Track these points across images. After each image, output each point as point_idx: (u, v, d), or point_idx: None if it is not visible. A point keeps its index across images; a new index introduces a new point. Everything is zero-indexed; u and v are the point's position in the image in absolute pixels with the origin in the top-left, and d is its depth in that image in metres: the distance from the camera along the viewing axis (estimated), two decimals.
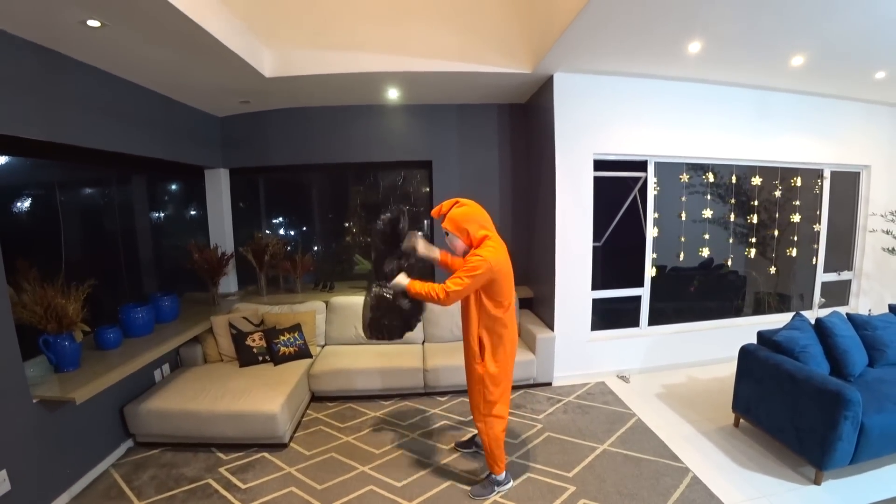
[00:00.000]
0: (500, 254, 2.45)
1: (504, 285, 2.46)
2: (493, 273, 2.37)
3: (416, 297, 2.49)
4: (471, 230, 2.45)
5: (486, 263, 2.33)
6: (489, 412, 2.56)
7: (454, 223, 2.46)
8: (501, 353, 2.52)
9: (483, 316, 2.49)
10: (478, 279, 2.35)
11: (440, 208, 2.55)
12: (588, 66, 3.71)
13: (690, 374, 4.36)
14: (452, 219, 2.47)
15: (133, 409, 3.06)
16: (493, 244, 2.44)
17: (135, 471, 2.91)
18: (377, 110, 4.66)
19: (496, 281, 2.42)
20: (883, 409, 2.63)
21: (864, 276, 5.11)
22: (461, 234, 2.47)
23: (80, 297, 2.72)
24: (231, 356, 3.83)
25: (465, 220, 2.45)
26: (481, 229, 2.47)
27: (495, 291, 2.44)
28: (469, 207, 2.50)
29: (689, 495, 2.59)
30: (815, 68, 3.76)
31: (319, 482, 2.78)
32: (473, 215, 2.48)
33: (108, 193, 3.91)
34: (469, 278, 2.34)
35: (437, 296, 2.39)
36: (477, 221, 2.47)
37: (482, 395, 2.55)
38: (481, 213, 2.52)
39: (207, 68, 3.22)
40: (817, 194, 4.89)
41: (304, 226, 5.45)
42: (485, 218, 2.52)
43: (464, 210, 2.48)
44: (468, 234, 2.45)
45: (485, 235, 2.46)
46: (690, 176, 4.47)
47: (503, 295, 2.47)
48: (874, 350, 3.19)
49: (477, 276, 2.34)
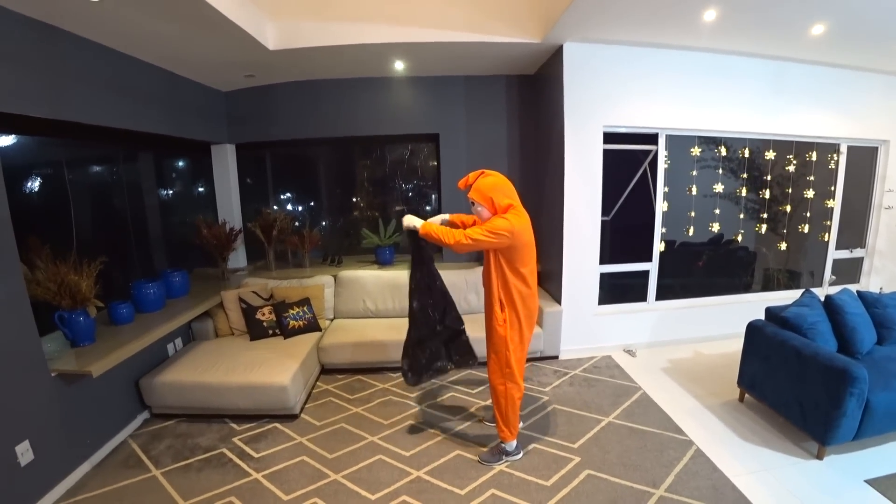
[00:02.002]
0: (524, 223, 2.50)
1: (525, 254, 2.52)
2: (514, 239, 2.42)
3: (427, 236, 2.54)
4: (496, 199, 2.48)
5: (511, 228, 2.39)
6: (510, 376, 2.61)
7: (480, 192, 2.50)
8: (523, 318, 2.58)
9: (504, 280, 2.54)
10: (498, 239, 2.40)
11: (466, 179, 2.60)
12: (599, 35, 3.60)
13: (697, 349, 4.38)
14: (478, 188, 2.51)
15: (148, 381, 3.15)
16: (520, 218, 2.49)
17: (151, 441, 3.01)
18: (384, 83, 4.59)
19: (516, 248, 2.47)
20: (889, 387, 2.64)
21: (877, 254, 5.03)
22: (486, 203, 2.50)
23: (93, 274, 2.76)
24: (242, 330, 3.89)
25: (491, 190, 2.49)
26: (506, 198, 2.51)
27: (516, 259, 2.50)
28: (495, 178, 2.54)
29: (691, 467, 2.64)
30: (835, 38, 3.61)
31: (330, 451, 2.86)
32: (499, 185, 2.51)
33: (116, 171, 3.93)
34: (489, 234, 2.40)
35: (452, 238, 2.45)
36: (502, 191, 2.51)
37: (505, 358, 2.60)
38: (506, 184, 2.55)
39: (210, 42, 3.17)
40: (832, 170, 4.78)
41: (312, 201, 5.45)
42: (510, 189, 2.56)
43: (490, 180, 2.51)
44: (493, 202, 2.49)
45: (509, 204, 2.50)
46: (702, 150, 4.39)
47: (523, 263, 2.53)
48: (884, 328, 3.17)
49: (498, 234, 2.39)
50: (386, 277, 4.40)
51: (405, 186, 5.36)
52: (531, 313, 2.64)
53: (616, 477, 2.58)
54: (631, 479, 2.56)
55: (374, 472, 2.66)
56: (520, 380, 2.65)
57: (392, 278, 4.40)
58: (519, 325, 2.59)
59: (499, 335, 2.58)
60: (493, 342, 2.65)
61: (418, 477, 2.61)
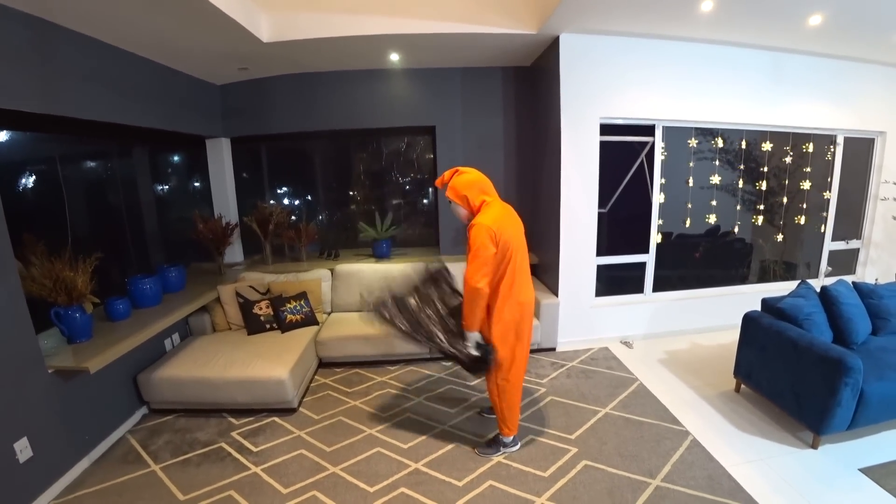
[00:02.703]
0: (499, 215, 2.45)
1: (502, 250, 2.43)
2: (494, 232, 2.36)
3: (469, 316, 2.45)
4: (470, 196, 2.49)
5: (482, 228, 2.35)
6: (503, 377, 2.60)
7: (454, 191, 2.51)
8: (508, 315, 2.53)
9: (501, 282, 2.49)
10: (485, 249, 2.34)
11: (443, 178, 2.60)
12: (595, 26, 3.58)
13: (694, 340, 4.40)
14: (453, 187, 2.52)
15: (146, 377, 3.15)
16: (492, 210, 2.46)
17: (150, 436, 3.02)
18: (379, 75, 4.56)
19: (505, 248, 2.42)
20: (883, 377, 2.66)
21: (873, 246, 5.06)
22: (461, 202, 2.52)
23: (88, 270, 2.74)
24: (239, 324, 3.89)
25: (465, 188, 2.49)
26: (481, 195, 2.51)
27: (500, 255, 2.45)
28: (469, 175, 2.53)
29: (688, 457, 2.66)
30: (832, 28, 3.60)
31: (328, 444, 2.88)
32: (473, 182, 2.51)
33: (110, 166, 3.90)
34: (478, 259, 2.34)
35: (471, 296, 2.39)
36: (477, 188, 2.51)
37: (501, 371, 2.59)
38: (481, 180, 2.54)
39: (203, 34, 3.14)
40: (829, 161, 4.78)
41: (308, 194, 5.43)
42: (485, 184, 2.55)
43: (463, 178, 2.52)
44: (468, 200, 2.50)
45: (483, 201, 2.50)
46: (699, 141, 4.38)
47: (507, 258, 2.46)
48: (878, 319, 3.19)
49: (482, 247, 2.33)
50: (383, 270, 4.39)
51: (402, 179, 5.34)
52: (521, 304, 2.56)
53: (613, 467, 2.60)
54: (628, 469, 2.58)
55: (372, 465, 2.68)
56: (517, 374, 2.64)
57: (389, 271, 4.37)
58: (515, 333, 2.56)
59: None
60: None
61: (416, 469, 2.63)
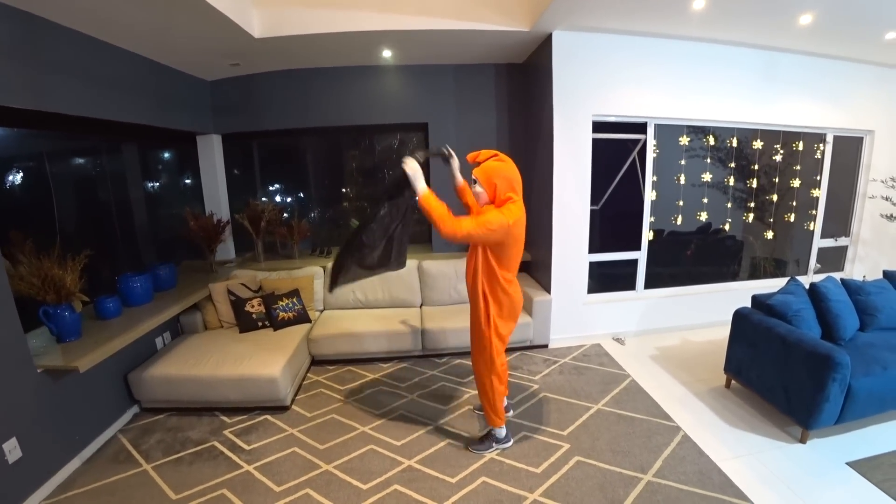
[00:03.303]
0: (520, 218, 2.41)
1: (514, 250, 2.47)
2: (507, 235, 2.35)
3: (425, 207, 2.29)
4: (499, 186, 2.38)
5: (506, 224, 2.30)
6: (494, 370, 2.63)
7: (485, 174, 2.39)
8: (507, 312, 2.57)
9: (489, 274, 2.50)
10: (491, 234, 2.30)
11: (477, 155, 2.49)
12: (588, 23, 3.58)
13: (685, 336, 4.44)
14: (485, 169, 2.40)
15: (137, 376, 3.12)
16: (515, 209, 2.38)
17: (142, 435, 3.00)
18: (372, 71, 4.54)
19: (507, 245, 2.41)
20: (870, 373, 2.70)
21: (861, 243, 5.12)
22: (488, 187, 2.40)
23: (77, 268, 2.72)
24: (231, 322, 3.87)
25: (497, 175, 2.38)
26: (509, 191, 2.40)
27: (504, 253, 2.45)
28: (506, 165, 2.42)
29: (679, 452, 2.69)
30: (823, 28, 3.63)
31: (321, 442, 2.87)
32: (506, 174, 2.39)
33: (100, 163, 3.86)
34: (483, 229, 2.27)
35: (447, 224, 2.24)
36: (508, 181, 2.39)
37: (490, 355, 2.60)
38: (515, 175, 2.43)
39: (193, 29, 3.11)
40: (818, 159, 4.83)
41: (300, 191, 5.40)
42: (517, 181, 2.44)
43: (500, 165, 2.40)
44: (495, 189, 2.38)
45: (509, 198, 2.39)
46: (691, 139, 4.41)
47: (510, 257, 2.48)
48: (866, 315, 3.23)
49: (492, 230, 2.28)
50: None
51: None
52: (515, 306, 2.61)
53: (605, 463, 2.62)
54: (620, 464, 2.60)
55: (365, 462, 2.68)
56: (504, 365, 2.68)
57: None
58: (502, 320, 2.58)
59: (484, 335, 2.58)
60: (478, 340, 2.65)
61: (409, 466, 2.63)
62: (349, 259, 2.60)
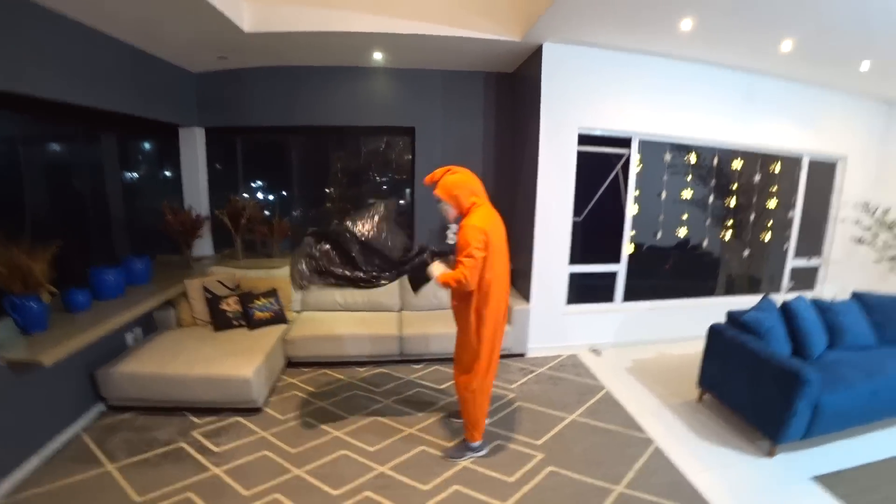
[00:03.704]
0: (490, 221, 2.47)
1: (496, 257, 2.47)
2: (488, 235, 2.40)
3: (445, 285, 2.45)
4: (461, 197, 2.48)
5: (475, 230, 2.36)
6: (479, 385, 2.61)
7: (445, 190, 2.49)
8: (491, 322, 2.55)
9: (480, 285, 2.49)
10: (479, 251, 2.37)
11: (433, 176, 2.57)
12: (578, 37, 3.63)
13: (661, 349, 4.50)
14: (444, 185, 2.50)
15: (104, 372, 3.02)
16: (482, 211, 2.47)
17: (106, 434, 2.89)
18: (361, 73, 4.52)
19: (490, 252, 2.43)
20: (836, 390, 2.77)
21: (832, 264, 5.28)
22: (452, 202, 2.50)
23: (47, 258, 2.62)
24: (206, 320, 3.79)
25: (456, 188, 2.48)
26: (472, 196, 2.50)
27: (488, 261, 2.46)
28: (461, 175, 2.52)
29: (651, 465, 2.71)
30: (803, 54, 3.75)
31: (293, 446, 2.82)
32: (465, 183, 2.50)
33: (76, 150, 3.75)
34: (471, 260, 2.36)
35: (459, 280, 2.38)
36: (468, 188, 2.50)
37: (472, 364, 2.59)
38: (472, 181, 2.54)
39: (182, 20, 3.06)
40: (795, 181, 4.97)
41: (283, 190, 5.34)
42: (476, 185, 2.54)
43: (455, 177, 2.50)
44: (458, 200, 2.48)
45: (473, 203, 2.49)
46: (673, 156, 4.50)
47: (491, 265, 2.48)
48: (834, 334, 3.33)
49: (477, 249, 2.36)
50: None
51: (379, 179, 5.30)
52: (501, 317, 2.62)
53: (578, 473, 2.62)
54: (593, 475, 2.61)
55: (337, 468, 2.63)
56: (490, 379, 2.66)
57: None
58: (493, 324, 2.57)
59: (472, 348, 2.57)
60: (464, 349, 2.64)
61: (382, 473, 2.60)
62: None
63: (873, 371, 2.98)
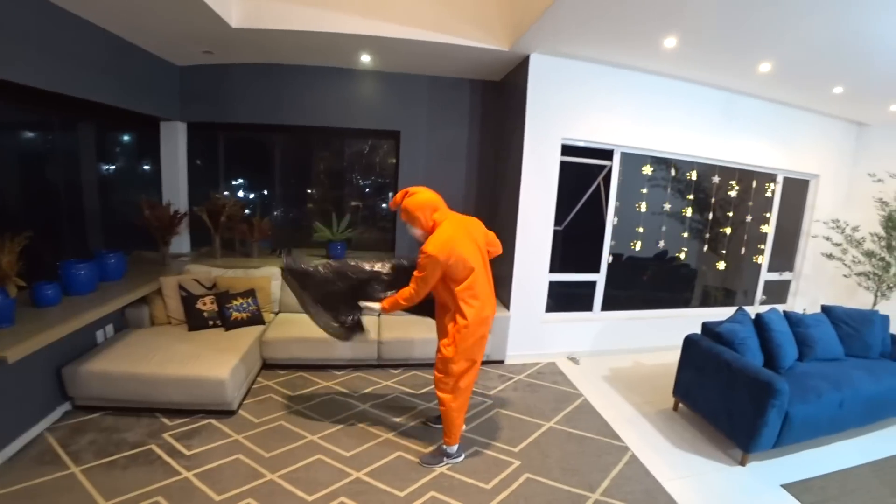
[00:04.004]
0: (451, 235, 2.46)
1: (460, 266, 2.47)
2: (443, 263, 2.41)
3: (393, 310, 2.64)
4: (422, 217, 2.52)
5: (430, 258, 2.39)
6: (456, 385, 2.61)
7: (407, 213, 2.55)
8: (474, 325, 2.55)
9: (453, 294, 2.53)
10: (428, 276, 2.45)
11: (395, 200, 2.63)
12: (565, 49, 3.69)
13: (637, 359, 4.56)
14: (405, 209, 2.55)
15: (72, 370, 2.91)
16: (444, 229, 2.49)
17: (72, 435, 2.79)
18: (348, 74, 4.50)
19: (452, 266, 2.45)
20: (806, 400, 2.85)
21: (803, 278, 5.45)
22: (414, 223, 2.55)
23: (15, 250, 2.54)
24: (180, 319, 3.70)
25: (416, 209, 2.52)
26: (433, 213, 2.54)
27: (455, 273, 2.49)
28: (419, 195, 2.55)
29: (626, 472, 2.74)
30: (780, 76, 3.88)
31: (267, 450, 2.76)
32: (424, 203, 2.53)
33: (51, 139, 3.64)
34: (418, 280, 2.47)
35: (405, 300, 2.55)
36: (428, 208, 2.53)
37: (449, 368, 2.59)
38: (431, 199, 2.56)
39: (168, 12, 3.01)
40: (769, 198, 5.13)
41: (265, 189, 5.27)
42: (436, 202, 2.57)
43: (414, 199, 2.54)
44: (421, 221, 2.53)
45: (435, 221, 2.54)
46: (654, 169, 4.58)
47: (463, 275, 2.50)
48: (804, 346, 3.42)
49: (425, 275, 2.45)
50: None
51: (362, 182, 5.28)
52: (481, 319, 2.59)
53: (554, 481, 2.63)
54: (569, 483, 2.62)
55: (312, 473, 2.59)
56: (468, 383, 2.66)
57: None
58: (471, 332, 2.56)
59: (453, 350, 2.56)
60: (439, 359, 2.63)
61: (357, 478, 2.57)
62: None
63: (840, 382, 3.07)
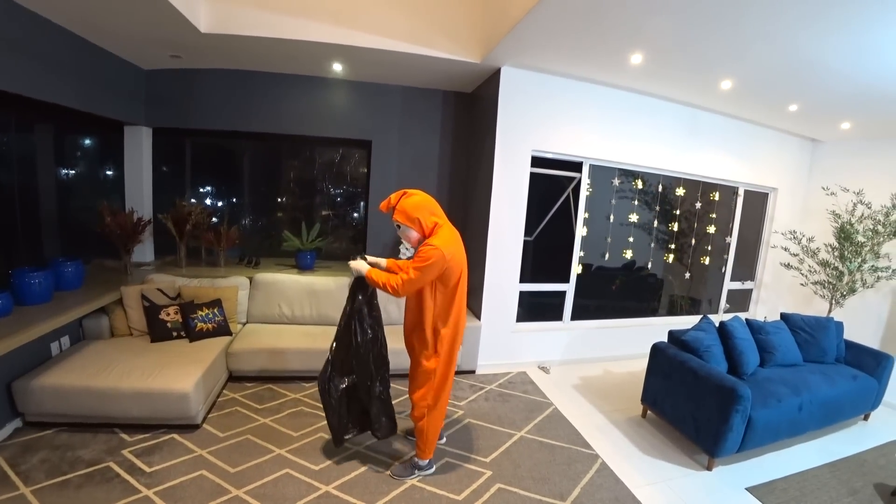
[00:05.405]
0: (453, 242, 2.42)
1: (454, 273, 2.43)
2: (447, 262, 2.34)
3: (372, 284, 2.47)
4: (423, 219, 2.39)
5: (438, 252, 2.29)
6: (434, 403, 2.57)
7: (405, 214, 2.39)
8: (448, 340, 2.52)
9: (438, 307, 2.47)
10: (430, 269, 2.30)
11: (388, 201, 2.48)
12: (535, 63, 3.76)
13: (607, 367, 4.63)
14: (403, 209, 2.40)
15: (23, 384, 2.76)
16: (445, 232, 2.41)
17: (22, 453, 2.63)
18: (319, 83, 4.48)
19: (450, 269, 2.39)
20: (767, 405, 2.95)
21: (764, 287, 5.65)
22: (413, 225, 2.40)
23: None
24: (142, 330, 3.56)
25: (416, 210, 2.39)
26: (433, 217, 2.42)
27: (448, 280, 2.43)
28: (418, 196, 2.44)
29: (597, 480, 2.77)
30: (740, 94, 4.05)
31: (232, 465, 2.67)
32: (423, 204, 2.42)
33: (5, 141, 3.47)
34: (419, 270, 2.30)
35: (393, 285, 2.36)
36: (427, 209, 2.42)
37: (429, 386, 2.54)
38: (431, 202, 2.47)
39: (134, 13, 2.94)
40: (731, 210, 5.32)
41: (233, 197, 5.16)
42: (435, 206, 2.48)
43: (413, 199, 2.42)
44: (420, 223, 2.39)
45: (436, 223, 2.42)
46: (621, 181, 4.70)
47: (454, 282, 2.45)
48: (765, 352, 3.55)
49: (429, 265, 2.29)
50: (305, 282, 4.23)
51: (333, 191, 5.23)
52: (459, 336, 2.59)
53: (526, 490, 2.63)
54: (540, 492, 2.62)
55: (279, 488, 2.51)
56: (445, 399, 2.63)
57: (311, 283, 4.23)
58: (450, 351, 2.54)
59: (427, 365, 2.52)
60: (420, 371, 2.57)
61: (326, 492, 2.50)
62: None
63: (799, 387, 3.20)
